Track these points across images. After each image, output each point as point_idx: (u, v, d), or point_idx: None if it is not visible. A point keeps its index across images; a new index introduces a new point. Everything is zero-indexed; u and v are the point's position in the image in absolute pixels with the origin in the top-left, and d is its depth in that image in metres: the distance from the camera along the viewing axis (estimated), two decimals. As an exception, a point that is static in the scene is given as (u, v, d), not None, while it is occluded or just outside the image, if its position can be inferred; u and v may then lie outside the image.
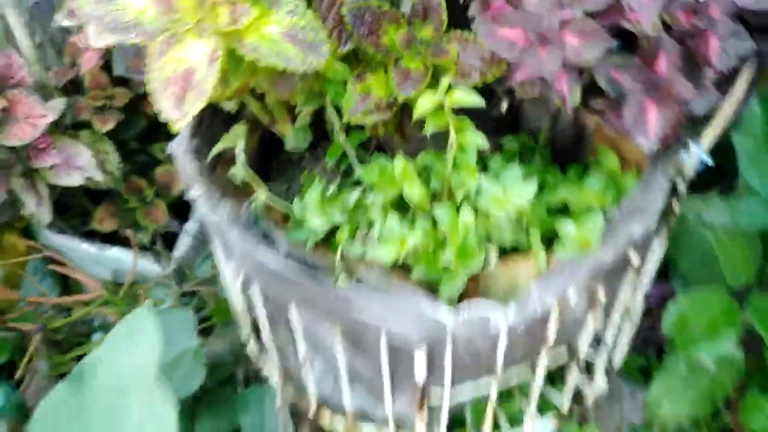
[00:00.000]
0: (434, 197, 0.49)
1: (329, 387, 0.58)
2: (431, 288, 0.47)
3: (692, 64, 0.44)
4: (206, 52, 0.40)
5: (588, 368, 0.63)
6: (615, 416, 0.97)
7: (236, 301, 0.58)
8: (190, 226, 1.35)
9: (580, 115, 0.59)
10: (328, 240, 0.51)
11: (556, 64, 0.42)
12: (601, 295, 0.45)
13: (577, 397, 0.60)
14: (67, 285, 1.42)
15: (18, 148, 1.08)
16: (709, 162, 0.49)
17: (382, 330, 0.43)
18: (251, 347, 0.64)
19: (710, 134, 0.50)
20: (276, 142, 0.61)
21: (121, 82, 1.23)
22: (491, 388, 0.51)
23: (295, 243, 0.48)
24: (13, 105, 1.02)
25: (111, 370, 0.51)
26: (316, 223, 0.47)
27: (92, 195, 1.30)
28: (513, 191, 0.44)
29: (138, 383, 0.50)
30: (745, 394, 0.77)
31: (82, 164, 1.12)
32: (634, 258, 0.45)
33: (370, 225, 0.48)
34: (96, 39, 1.15)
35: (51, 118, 1.00)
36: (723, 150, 0.72)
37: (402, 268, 0.48)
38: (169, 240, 1.34)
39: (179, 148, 0.54)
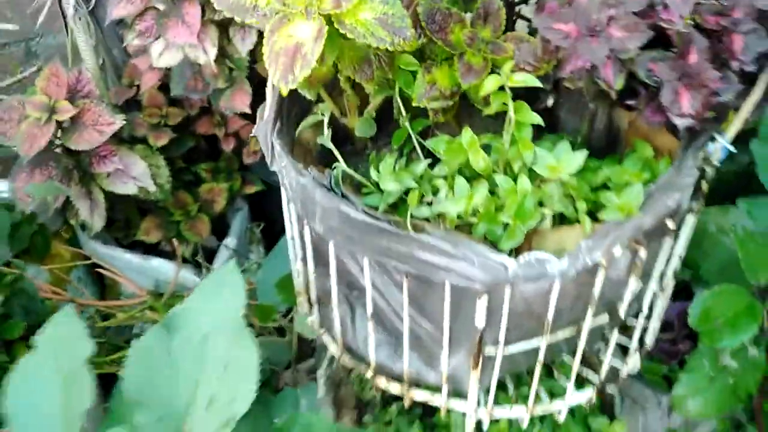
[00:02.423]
0: (493, 170, 0.56)
1: (385, 355, 0.65)
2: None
3: (719, 58, 0.52)
4: (313, 30, 0.49)
5: (623, 351, 0.69)
6: (638, 422, 1.01)
7: (305, 270, 0.65)
8: (229, 241, 1.43)
9: (614, 117, 0.67)
10: (395, 208, 0.58)
11: (604, 52, 0.51)
12: (642, 254, 0.52)
13: (611, 375, 0.66)
14: (104, 294, 1.49)
15: (79, 156, 1.17)
16: (733, 150, 0.57)
17: (448, 275, 0.50)
18: (312, 317, 0.70)
19: (733, 127, 0.57)
20: (340, 139, 0.69)
21: (175, 102, 1.33)
22: (540, 351, 0.57)
23: (369, 207, 0.55)
24: (82, 113, 1.11)
25: (199, 317, 0.58)
26: (390, 187, 0.55)
27: (138, 210, 1.38)
28: (565, 160, 0.52)
29: (225, 327, 0.57)
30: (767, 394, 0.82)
31: (136, 174, 1.20)
32: (670, 224, 0.52)
33: (435, 192, 0.56)
34: (158, 59, 1.26)
35: (118, 125, 1.09)
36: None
37: (462, 231, 0.55)
38: (208, 254, 1.42)
39: (264, 130, 0.62)
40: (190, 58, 1.14)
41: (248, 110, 1.20)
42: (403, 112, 0.63)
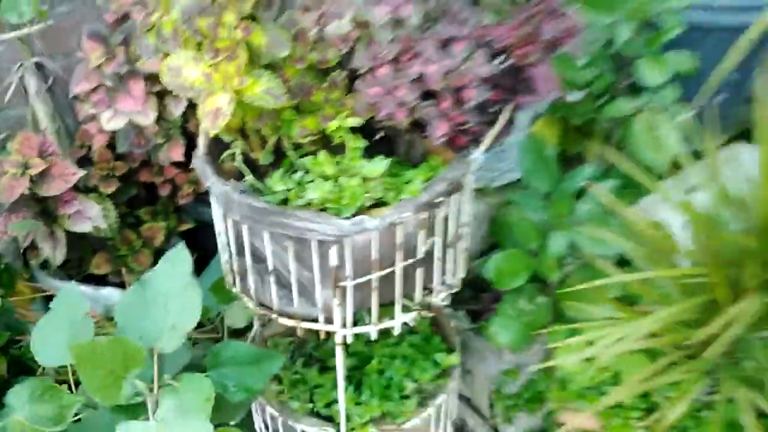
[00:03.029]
0: (339, 175, 0.95)
1: (284, 303, 1.01)
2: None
3: (461, 104, 0.93)
4: (227, 99, 0.87)
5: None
6: (481, 369, 1.40)
7: (228, 247, 1.01)
8: (169, 269, 1.73)
9: (424, 142, 1.08)
10: (283, 204, 0.96)
11: (394, 104, 0.91)
12: (424, 218, 0.91)
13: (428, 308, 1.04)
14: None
15: (46, 202, 1.49)
16: (482, 158, 0.98)
17: (313, 234, 0.88)
18: (236, 288, 1.06)
19: (483, 146, 0.99)
20: (250, 167, 1.06)
21: (120, 157, 1.67)
22: (374, 282, 0.95)
23: (267, 201, 0.93)
24: (51, 167, 1.44)
25: (163, 278, 0.93)
26: (279, 188, 0.93)
27: (90, 248, 1.69)
28: (377, 167, 0.91)
29: (180, 283, 0.92)
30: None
31: (92, 215, 1.53)
32: (439, 200, 0.92)
33: (306, 190, 0.94)
34: (107, 124, 1.63)
35: (80, 174, 1.43)
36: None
37: (322, 210, 0.93)
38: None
39: (199, 162, 0.99)
40: (134, 122, 1.50)
41: (182, 159, 1.56)
42: (288, 146, 1.01)
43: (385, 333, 1.01)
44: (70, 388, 0.95)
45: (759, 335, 0.93)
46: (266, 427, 1.22)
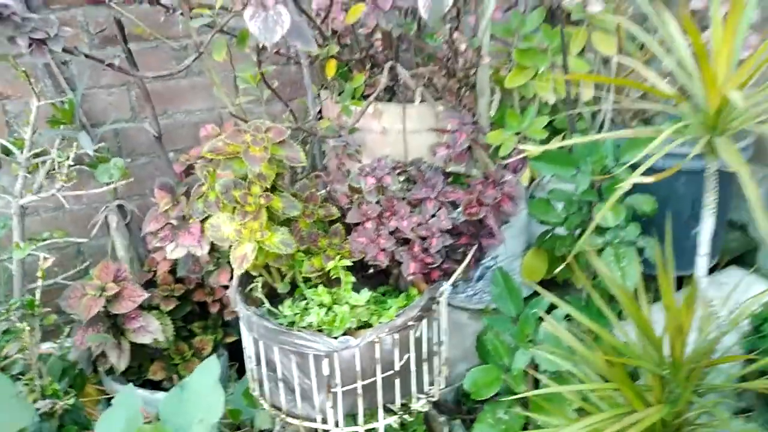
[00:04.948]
0: (334, 302, 1.24)
1: (291, 405, 1.27)
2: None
3: (428, 249, 1.22)
4: (251, 248, 1.19)
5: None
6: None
7: (251, 359, 1.30)
8: (213, 377, 2.01)
9: (406, 279, 1.37)
10: (291, 324, 1.25)
11: (377, 250, 1.21)
12: (397, 339, 1.18)
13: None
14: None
15: (116, 318, 1.82)
16: (449, 289, 1.25)
17: (310, 349, 1.16)
18: (256, 392, 1.33)
19: (451, 279, 1.26)
20: (274, 293, 1.37)
21: (179, 280, 2.01)
22: (359, 389, 1.20)
23: (279, 323, 1.22)
24: (122, 290, 1.79)
25: (196, 382, 1.21)
26: (288, 312, 1.22)
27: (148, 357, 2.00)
28: (362, 296, 1.20)
29: (208, 386, 1.20)
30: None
31: (152, 329, 1.86)
32: (413, 324, 1.19)
33: (308, 314, 1.23)
34: (171, 253, 2.02)
35: (145, 296, 1.76)
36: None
37: (320, 330, 1.21)
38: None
39: (232, 292, 1.31)
40: (191, 252, 1.85)
41: (229, 283, 1.88)
42: (300, 279, 1.32)
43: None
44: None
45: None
46: None
